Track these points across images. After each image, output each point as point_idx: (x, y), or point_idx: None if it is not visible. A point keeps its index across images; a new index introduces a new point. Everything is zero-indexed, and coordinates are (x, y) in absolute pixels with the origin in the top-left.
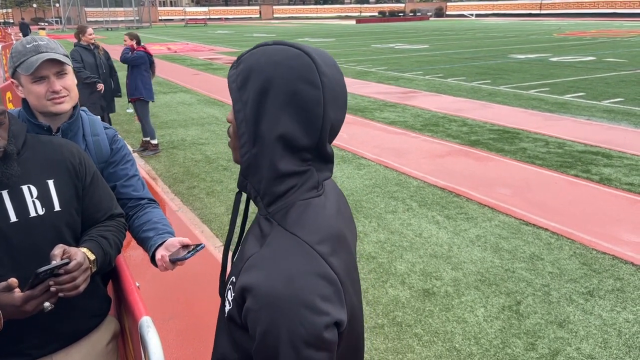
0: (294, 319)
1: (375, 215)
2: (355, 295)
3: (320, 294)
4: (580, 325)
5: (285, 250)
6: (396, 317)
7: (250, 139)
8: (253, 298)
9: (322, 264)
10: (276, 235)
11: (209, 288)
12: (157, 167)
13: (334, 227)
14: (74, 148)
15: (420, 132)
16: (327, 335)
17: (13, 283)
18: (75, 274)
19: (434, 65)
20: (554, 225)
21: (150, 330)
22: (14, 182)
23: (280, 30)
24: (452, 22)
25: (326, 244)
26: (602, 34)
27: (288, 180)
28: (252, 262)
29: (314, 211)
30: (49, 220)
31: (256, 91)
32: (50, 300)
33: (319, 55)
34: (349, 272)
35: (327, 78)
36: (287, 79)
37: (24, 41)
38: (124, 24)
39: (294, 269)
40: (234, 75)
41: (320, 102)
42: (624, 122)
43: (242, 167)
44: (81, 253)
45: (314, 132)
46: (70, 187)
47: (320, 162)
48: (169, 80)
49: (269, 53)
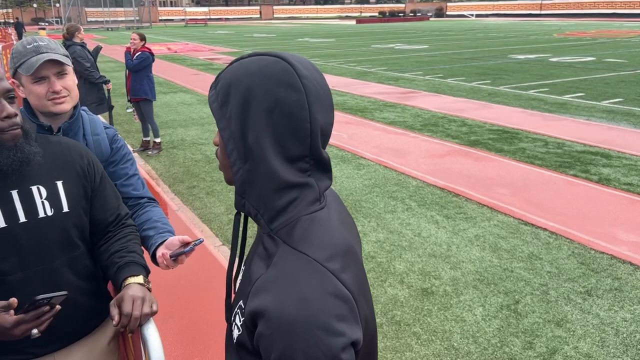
0: (309, 343)
1: (375, 215)
2: (368, 308)
3: (335, 314)
4: (578, 324)
5: (295, 269)
6: (395, 316)
7: (240, 156)
8: (265, 323)
9: (335, 282)
10: (283, 254)
11: (208, 287)
12: (157, 167)
13: (342, 240)
14: (82, 149)
15: (419, 132)
16: (344, 357)
17: (13, 303)
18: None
19: (434, 66)
20: (553, 225)
21: (150, 328)
22: (35, 160)
23: (280, 30)
24: (452, 22)
25: (336, 260)
26: (602, 34)
27: (288, 192)
28: (260, 284)
29: (320, 226)
30: (58, 221)
31: (238, 105)
32: (39, 327)
33: (296, 60)
34: (360, 286)
35: (307, 80)
36: (267, 87)
37: (25, 42)
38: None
39: (306, 290)
40: (214, 95)
41: (304, 105)
42: (624, 122)
43: (237, 186)
44: (128, 301)
45: (304, 138)
46: (79, 188)
47: (319, 171)
48: (169, 80)
49: (245, 65)
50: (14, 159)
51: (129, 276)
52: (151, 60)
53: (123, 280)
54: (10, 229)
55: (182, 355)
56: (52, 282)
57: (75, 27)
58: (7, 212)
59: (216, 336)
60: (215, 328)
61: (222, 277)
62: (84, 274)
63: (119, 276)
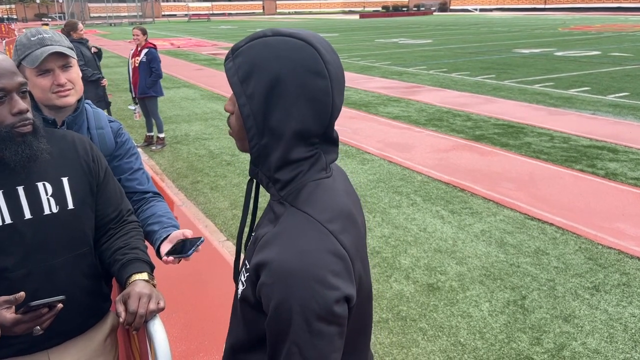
0: (306, 293)
1: (380, 210)
2: (364, 272)
3: (331, 269)
4: (585, 320)
5: (297, 227)
6: (401, 312)
7: (258, 132)
8: (267, 273)
9: (333, 241)
10: (288, 215)
11: (212, 282)
12: (160, 162)
13: (343, 206)
14: (87, 144)
15: (424, 127)
16: (337, 310)
17: (20, 298)
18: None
19: (438, 60)
20: (559, 219)
21: (156, 324)
22: (43, 157)
23: (283, 25)
24: (456, 16)
25: (336, 221)
26: (607, 28)
27: (298, 166)
28: (266, 239)
29: (323, 190)
30: (63, 218)
31: (264, 86)
32: (42, 325)
33: (320, 43)
34: (358, 250)
35: (331, 66)
36: (295, 73)
37: (29, 34)
38: (127, 20)
39: (306, 246)
40: (233, 68)
41: (328, 91)
42: (630, 116)
43: (252, 157)
44: (135, 298)
45: (325, 121)
46: (85, 184)
47: (326, 144)
48: (172, 76)
49: (271, 45)
50: (22, 155)
51: (134, 273)
52: (159, 59)
53: (128, 278)
54: (15, 225)
55: (186, 351)
56: (54, 280)
57: (70, 25)
58: (13, 208)
59: (221, 332)
60: (220, 324)
61: (226, 271)
62: (87, 273)
63: (123, 273)
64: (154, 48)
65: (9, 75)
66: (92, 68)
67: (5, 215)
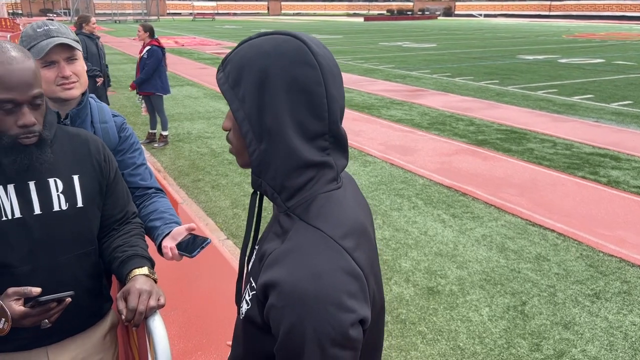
0: (320, 317)
1: (381, 212)
2: (378, 289)
3: (346, 290)
4: (586, 327)
5: (309, 244)
6: (400, 315)
7: (255, 136)
8: (277, 295)
9: (348, 259)
10: (298, 230)
11: (211, 280)
12: (162, 159)
13: (357, 220)
14: (99, 144)
15: (427, 131)
16: (352, 333)
17: (35, 292)
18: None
19: (442, 64)
20: (561, 226)
21: (156, 320)
22: (45, 168)
23: (287, 26)
24: (460, 21)
25: (350, 238)
26: (612, 36)
27: (307, 171)
28: (275, 257)
29: (336, 204)
30: (71, 215)
31: (253, 85)
32: (50, 319)
33: (308, 37)
34: (372, 266)
35: (321, 57)
36: (283, 65)
37: (35, 25)
38: (132, 17)
39: (320, 265)
40: (224, 77)
41: (320, 81)
42: (633, 125)
43: (253, 167)
44: (135, 295)
45: (322, 114)
46: (95, 183)
47: (337, 149)
48: (176, 74)
49: (257, 45)
50: (19, 165)
51: (134, 268)
52: (160, 56)
53: (128, 273)
54: (24, 220)
55: (184, 349)
56: (58, 278)
57: (83, 17)
58: (23, 202)
59: (219, 330)
60: (219, 322)
61: (226, 270)
62: (91, 272)
63: (123, 269)
64: (157, 46)
65: (23, 88)
66: (93, 64)
67: (16, 209)
